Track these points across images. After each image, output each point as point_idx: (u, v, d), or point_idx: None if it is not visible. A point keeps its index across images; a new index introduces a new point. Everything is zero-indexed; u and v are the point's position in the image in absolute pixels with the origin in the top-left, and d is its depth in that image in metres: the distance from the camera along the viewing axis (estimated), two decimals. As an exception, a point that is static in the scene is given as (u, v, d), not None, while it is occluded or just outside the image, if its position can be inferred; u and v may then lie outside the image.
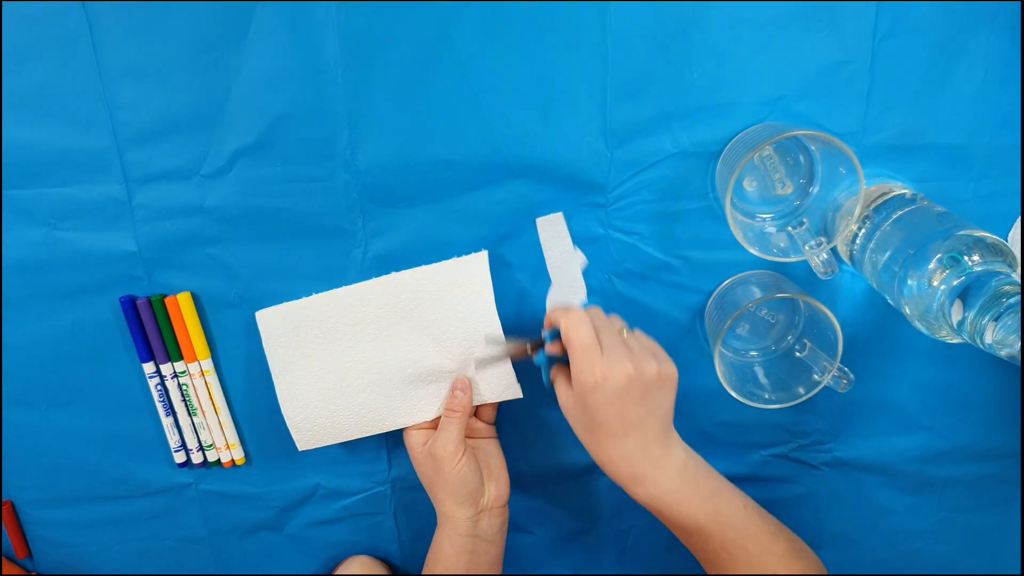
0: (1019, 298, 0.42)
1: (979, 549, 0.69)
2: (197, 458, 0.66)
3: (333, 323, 0.59)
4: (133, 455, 0.66)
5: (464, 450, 0.57)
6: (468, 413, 0.59)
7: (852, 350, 0.58)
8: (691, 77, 0.53)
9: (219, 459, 0.66)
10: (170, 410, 0.64)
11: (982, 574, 0.70)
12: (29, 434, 0.65)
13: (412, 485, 0.68)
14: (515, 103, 0.54)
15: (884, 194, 0.54)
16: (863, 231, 0.53)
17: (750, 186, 0.57)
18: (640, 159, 0.56)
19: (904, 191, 0.54)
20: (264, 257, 0.59)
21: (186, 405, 0.64)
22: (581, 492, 0.68)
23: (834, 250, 0.56)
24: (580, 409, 0.52)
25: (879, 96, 0.54)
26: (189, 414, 0.64)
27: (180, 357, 0.62)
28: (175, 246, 0.59)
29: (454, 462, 0.57)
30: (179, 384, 0.63)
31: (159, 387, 0.63)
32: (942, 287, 0.45)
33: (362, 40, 0.53)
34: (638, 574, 0.72)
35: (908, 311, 0.48)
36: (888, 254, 0.50)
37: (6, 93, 0.54)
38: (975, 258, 0.45)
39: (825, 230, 0.54)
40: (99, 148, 0.56)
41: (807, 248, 0.52)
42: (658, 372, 0.51)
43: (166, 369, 0.62)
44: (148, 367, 0.62)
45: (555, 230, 0.57)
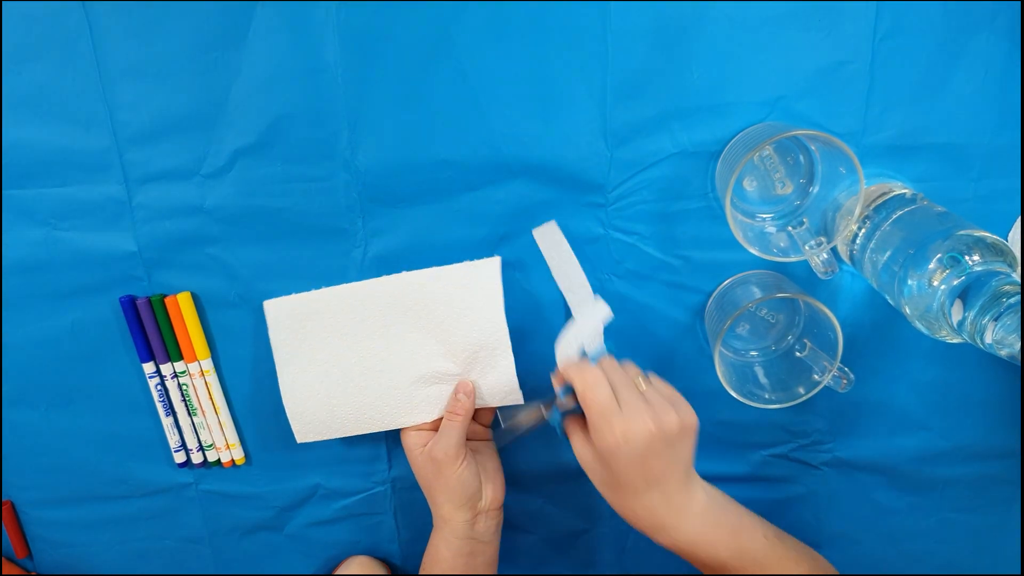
0: (1019, 298, 0.42)
1: (979, 549, 0.69)
2: (197, 458, 0.66)
3: (340, 318, 0.59)
4: (133, 455, 0.66)
5: (465, 454, 0.57)
6: (470, 417, 0.59)
7: (852, 350, 0.58)
8: (691, 77, 0.53)
9: (219, 459, 0.66)
10: (170, 410, 0.64)
11: (982, 574, 0.70)
12: (29, 434, 0.65)
13: (412, 485, 0.68)
14: (515, 103, 0.54)
15: (884, 194, 0.54)
16: (863, 231, 0.53)
17: (750, 186, 0.57)
18: (640, 159, 0.56)
19: (904, 191, 0.54)
20: (264, 257, 0.59)
21: (186, 405, 0.64)
22: (581, 492, 0.68)
23: (834, 250, 0.56)
24: (600, 466, 0.52)
25: (879, 96, 0.54)
26: (189, 414, 0.64)
27: (180, 357, 0.62)
28: (175, 246, 0.59)
29: (455, 466, 0.57)
30: (179, 384, 0.63)
31: (159, 387, 0.63)
32: (942, 287, 0.45)
33: (362, 40, 0.53)
34: (638, 574, 0.72)
35: (908, 311, 0.48)
36: (888, 254, 0.50)
37: (6, 93, 0.54)
38: (975, 258, 0.45)
39: (825, 230, 0.54)
40: (99, 148, 0.56)
41: (807, 248, 0.52)
42: (679, 424, 0.50)
43: (166, 369, 0.62)
44: (148, 367, 0.62)
45: (552, 239, 0.57)
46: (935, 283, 0.46)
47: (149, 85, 0.54)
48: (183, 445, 0.66)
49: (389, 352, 0.59)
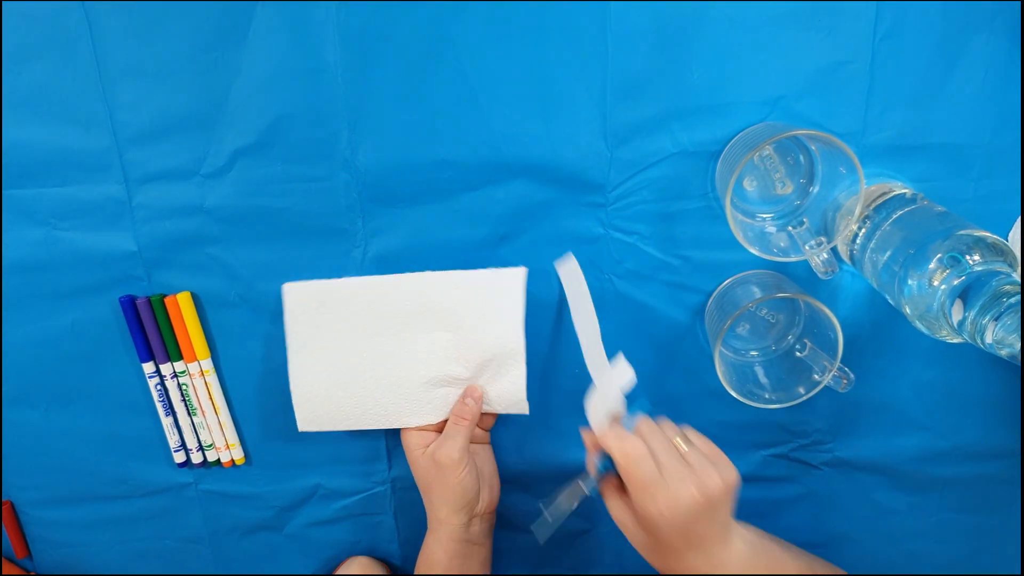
0: (1019, 298, 0.42)
1: (979, 549, 0.69)
2: (197, 458, 0.66)
3: (357, 309, 0.58)
4: (133, 455, 0.66)
5: (468, 459, 0.57)
6: (476, 422, 0.59)
7: (852, 350, 0.58)
8: (691, 77, 0.53)
9: (219, 459, 0.66)
10: (170, 410, 0.64)
11: (982, 574, 0.70)
12: (29, 434, 0.65)
13: (412, 485, 0.68)
14: (515, 103, 0.54)
15: (884, 194, 0.54)
16: (863, 231, 0.53)
17: (750, 186, 0.57)
18: (640, 159, 0.56)
19: (904, 191, 0.54)
20: (264, 257, 0.59)
21: (186, 405, 0.64)
22: (581, 492, 0.68)
23: (834, 250, 0.56)
24: (640, 531, 0.51)
25: (879, 96, 0.54)
26: (189, 414, 0.64)
27: (180, 357, 0.62)
28: (175, 246, 0.59)
29: (458, 470, 0.56)
30: (179, 384, 0.63)
31: (159, 387, 0.63)
32: (942, 287, 0.45)
33: (362, 40, 0.53)
34: (638, 574, 0.72)
35: (908, 311, 0.48)
36: (888, 254, 0.50)
37: (6, 93, 0.54)
38: (975, 258, 0.45)
39: (825, 230, 0.54)
40: (99, 148, 0.56)
41: (807, 248, 0.52)
42: (722, 486, 0.48)
43: (166, 369, 0.62)
44: (148, 367, 0.62)
45: (573, 276, 0.57)
46: (935, 283, 0.46)
47: (149, 85, 0.54)
48: (183, 445, 0.66)
49: (402, 350, 0.59)
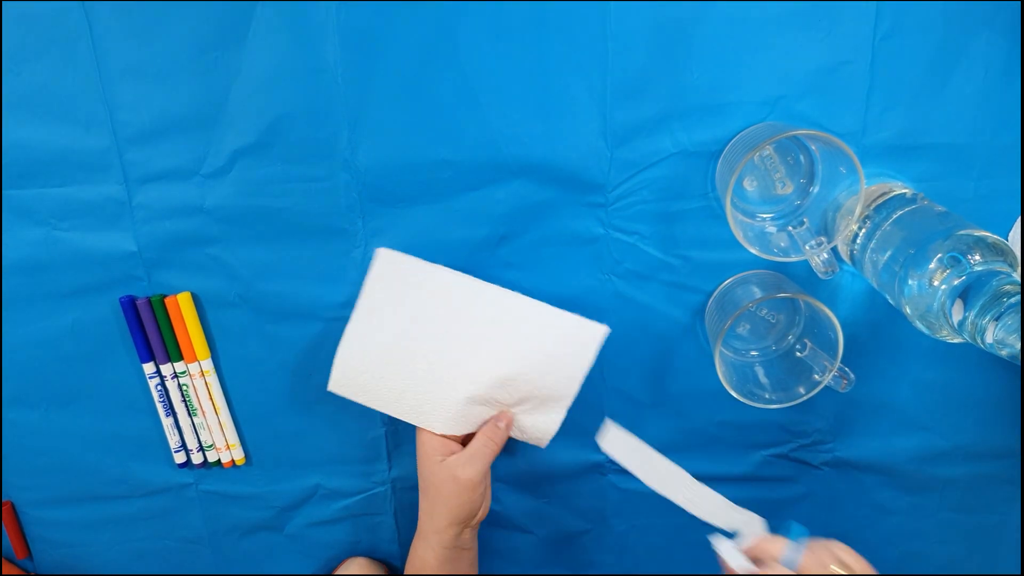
0: (1019, 298, 0.42)
1: (979, 549, 0.69)
2: (197, 458, 0.66)
3: (437, 301, 0.57)
4: (133, 455, 0.66)
5: (487, 480, 0.57)
6: (502, 447, 0.58)
7: (852, 350, 0.58)
8: (691, 77, 0.53)
9: (219, 459, 0.66)
10: (170, 410, 0.64)
11: (982, 574, 0.70)
12: (29, 434, 0.65)
13: (412, 485, 0.68)
14: (515, 103, 0.54)
15: (884, 194, 0.54)
16: (863, 231, 0.53)
17: (750, 186, 0.57)
18: (640, 159, 0.56)
19: (904, 191, 0.54)
20: (264, 257, 0.59)
21: (186, 405, 0.64)
22: (581, 492, 0.68)
23: (834, 250, 0.56)
24: None
25: (879, 96, 0.54)
26: (189, 414, 0.64)
27: (180, 357, 0.62)
28: (175, 246, 0.59)
29: (477, 491, 0.56)
30: (179, 384, 0.63)
31: (159, 387, 0.63)
32: (943, 287, 0.45)
33: (362, 40, 0.53)
34: (638, 574, 0.72)
35: (909, 311, 0.48)
36: (888, 254, 0.50)
37: (6, 93, 0.54)
38: (976, 258, 0.45)
39: (825, 230, 0.54)
40: (99, 148, 0.56)
41: (807, 248, 0.52)
42: None
43: (166, 369, 0.62)
44: (148, 367, 0.62)
45: (623, 443, 0.56)
46: (935, 283, 0.46)
47: (149, 85, 0.54)
48: (183, 445, 0.66)
49: (460, 357, 0.57)
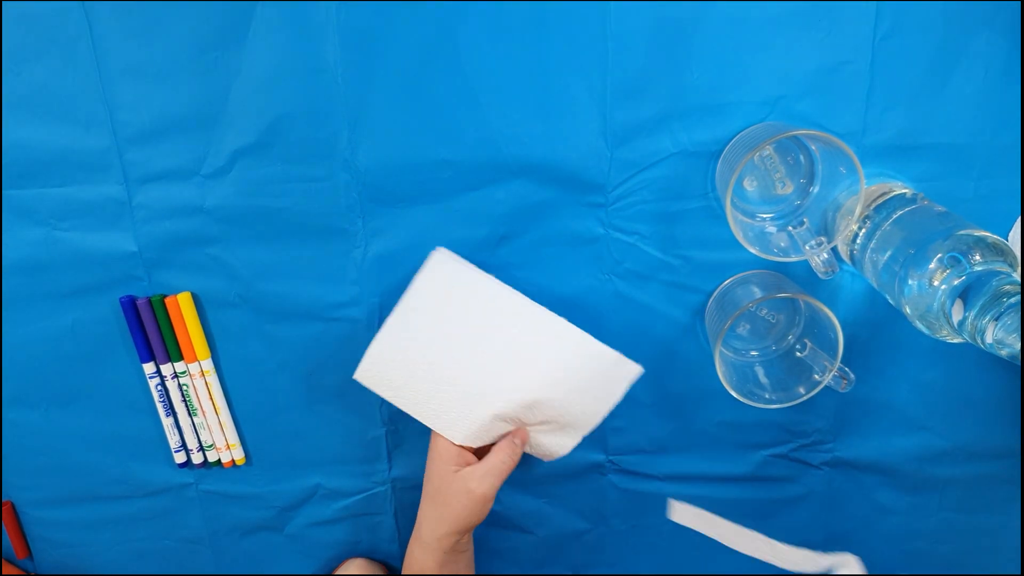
0: (1019, 298, 0.42)
1: (979, 549, 0.69)
2: (197, 458, 0.66)
3: (482, 311, 0.56)
4: (133, 455, 0.66)
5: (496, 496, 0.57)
6: (517, 464, 0.58)
7: (852, 350, 0.58)
8: (691, 77, 0.53)
9: (219, 459, 0.66)
10: (170, 410, 0.64)
11: (982, 574, 0.70)
12: (29, 434, 0.65)
13: (412, 485, 0.68)
14: (515, 103, 0.54)
15: (884, 194, 0.54)
16: (863, 231, 0.53)
17: (750, 186, 0.57)
18: (640, 159, 0.56)
19: (904, 191, 0.54)
20: (264, 257, 0.59)
21: (186, 405, 0.64)
22: (581, 492, 0.68)
23: (834, 250, 0.56)
24: None
25: (879, 96, 0.54)
26: (189, 414, 0.64)
27: (180, 357, 0.62)
28: (175, 246, 0.59)
29: (488, 506, 0.56)
30: (179, 384, 0.63)
31: (159, 387, 0.63)
32: (942, 287, 0.45)
33: (362, 40, 0.53)
34: (638, 574, 0.72)
35: (908, 311, 0.48)
36: (888, 254, 0.50)
37: (6, 93, 0.54)
38: (976, 258, 0.45)
39: (825, 230, 0.54)
40: (99, 148, 0.56)
41: (807, 248, 0.52)
42: None
43: (166, 369, 0.62)
44: (148, 367, 0.62)
45: (693, 514, 0.55)
46: (935, 283, 0.46)
47: (149, 85, 0.54)
48: (183, 445, 0.66)
49: (495, 371, 0.56)
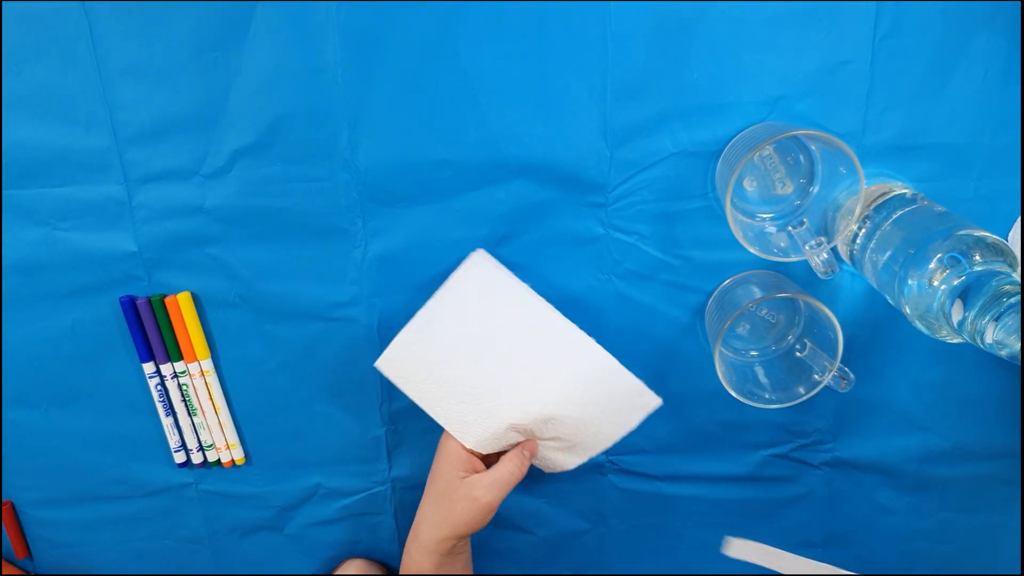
0: (1019, 298, 0.42)
1: (979, 549, 0.69)
2: (197, 458, 0.66)
3: (511, 319, 0.56)
4: (133, 455, 0.66)
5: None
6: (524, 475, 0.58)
7: (852, 350, 0.58)
8: (691, 77, 0.53)
9: (219, 459, 0.66)
10: (170, 410, 0.64)
11: (982, 574, 0.70)
12: (29, 434, 0.65)
13: (412, 485, 0.68)
14: (515, 103, 0.54)
15: (884, 194, 0.54)
16: (863, 231, 0.53)
17: (750, 186, 0.57)
18: (640, 159, 0.56)
19: (904, 191, 0.54)
20: (264, 257, 0.59)
21: (186, 405, 0.64)
22: (581, 492, 0.68)
23: (834, 250, 0.56)
24: None
25: (879, 96, 0.54)
26: (189, 414, 0.64)
27: (180, 357, 0.62)
28: (175, 246, 0.59)
29: (491, 515, 0.56)
30: (179, 384, 0.63)
31: (159, 387, 0.63)
32: (942, 287, 0.45)
33: (362, 40, 0.53)
34: (638, 574, 0.72)
35: (908, 311, 0.48)
36: (888, 254, 0.50)
37: (6, 93, 0.54)
38: (975, 258, 0.45)
39: (825, 230, 0.54)
40: (99, 148, 0.56)
41: (807, 248, 0.52)
42: None
43: (166, 369, 0.62)
44: (148, 367, 0.62)
45: (750, 548, 0.56)
46: (935, 283, 0.46)
47: (149, 85, 0.54)
48: (183, 445, 0.66)
49: (517, 382, 0.56)
